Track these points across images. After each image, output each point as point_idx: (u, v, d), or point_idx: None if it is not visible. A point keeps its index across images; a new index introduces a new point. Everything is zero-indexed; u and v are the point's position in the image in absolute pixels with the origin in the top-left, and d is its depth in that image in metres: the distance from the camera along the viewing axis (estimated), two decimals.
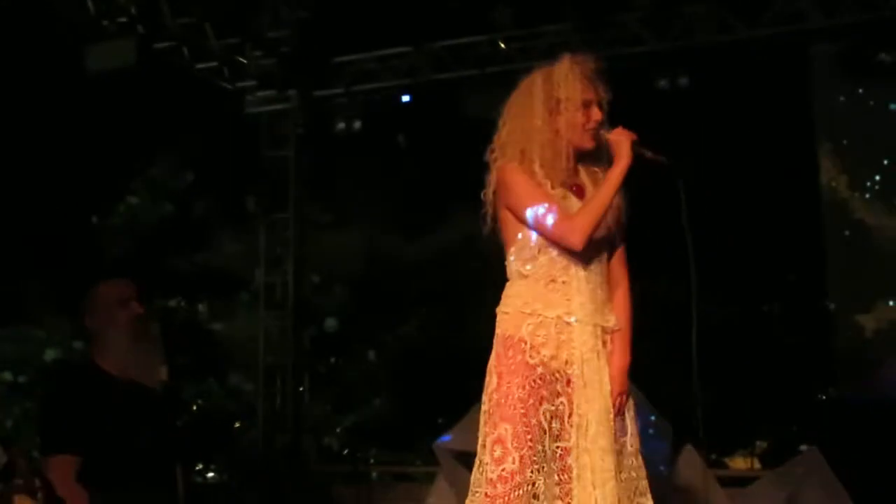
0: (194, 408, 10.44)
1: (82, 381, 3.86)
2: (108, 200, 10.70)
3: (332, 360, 10.61)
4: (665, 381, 8.21)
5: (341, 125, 8.17)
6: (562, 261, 3.25)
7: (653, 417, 6.50)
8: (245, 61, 8.02)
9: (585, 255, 3.24)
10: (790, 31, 7.10)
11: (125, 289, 3.99)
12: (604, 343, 3.26)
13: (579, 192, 3.30)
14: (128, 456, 3.72)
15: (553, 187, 3.26)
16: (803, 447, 9.72)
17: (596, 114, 3.33)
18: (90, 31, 6.92)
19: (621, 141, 3.28)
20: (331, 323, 10.42)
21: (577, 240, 3.18)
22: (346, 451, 10.67)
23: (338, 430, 10.74)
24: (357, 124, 8.14)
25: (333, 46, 8.10)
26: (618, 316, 3.32)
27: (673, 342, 10.21)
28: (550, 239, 3.23)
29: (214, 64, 7.93)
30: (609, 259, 3.35)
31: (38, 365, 9.33)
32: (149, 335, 3.95)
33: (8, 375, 9.16)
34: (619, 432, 3.25)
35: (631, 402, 3.34)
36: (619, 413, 3.27)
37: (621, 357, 3.30)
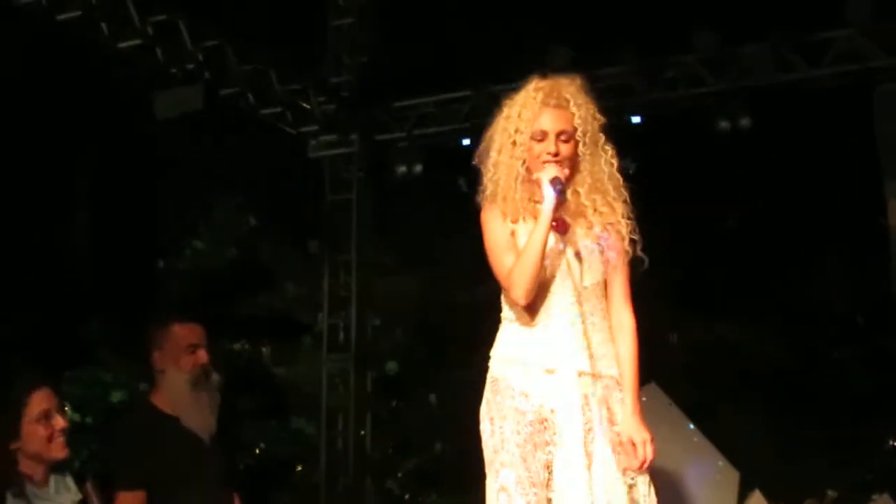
0: (257, 451, 10.47)
1: (145, 420, 3.91)
2: (175, 244, 10.85)
3: (394, 403, 10.59)
4: (732, 426, 8.10)
5: (402, 169, 8.24)
6: (545, 305, 3.09)
7: (720, 463, 6.40)
8: (308, 106, 8.14)
9: (567, 297, 3.08)
10: (852, 70, 7.04)
11: (196, 334, 4.03)
12: (607, 389, 3.10)
13: (561, 226, 3.09)
14: (191, 492, 3.76)
15: (524, 220, 3.11)
16: (875, 496, 9.49)
17: (549, 146, 3.10)
18: (159, 78, 7.07)
19: (543, 181, 3.05)
20: (392, 366, 10.42)
21: (517, 295, 3.04)
22: (407, 496, 10.62)
23: (399, 473, 10.70)
24: (418, 168, 8.21)
25: (394, 91, 8.20)
26: (620, 361, 3.14)
27: (737, 387, 10.09)
28: None
29: (278, 109, 8.07)
30: (611, 295, 3.17)
31: (105, 406, 9.44)
32: (208, 386, 3.97)
33: (76, 416, 9.27)
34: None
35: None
36: (645, 466, 3.07)
37: (627, 407, 3.11)
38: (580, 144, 3.15)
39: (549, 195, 3.02)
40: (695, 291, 10.15)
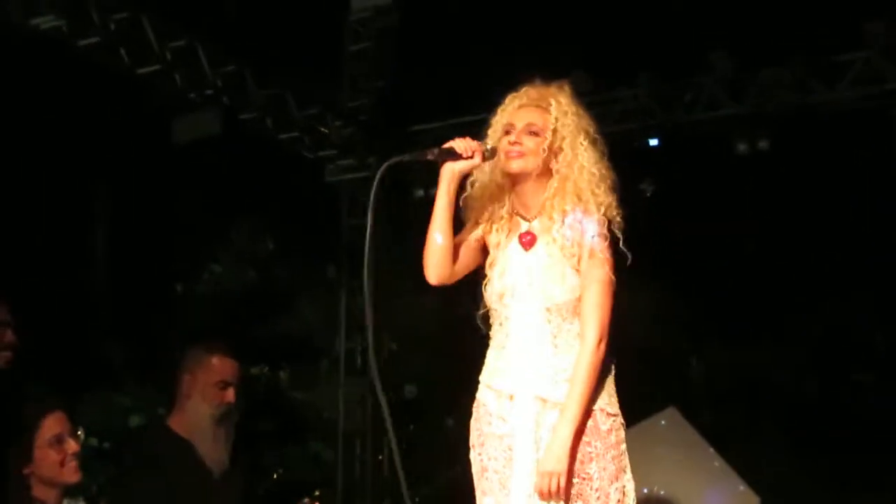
0: (275, 476, 10.45)
1: (159, 445, 3.90)
2: (193, 268, 10.88)
3: (411, 426, 10.56)
4: (753, 450, 8.04)
5: (420, 192, 8.24)
6: (511, 325, 2.96)
7: (741, 488, 6.36)
8: (326, 130, 8.15)
9: (532, 317, 2.93)
10: (871, 92, 7.01)
11: (231, 371, 4.01)
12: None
13: (526, 240, 2.99)
14: None
15: (497, 230, 3.03)
16: None
17: (512, 136, 3.00)
18: (177, 103, 7.11)
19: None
20: (410, 389, 10.39)
21: (426, 274, 3.03)
22: None
23: (417, 498, 10.65)
24: (435, 191, 8.20)
25: (411, 115, 8.21)
26: (572, 380, 2.87)
27: (758, 411, 10.02)
28: None
29: (296, 133, 8.08)
30: (581, 306, 2.92)
31: (123, 431, 9.44)
32: (228, 425, 3.96)
33: (94, 441, 9.27)
34: None
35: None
36: (547, 498, 2.83)
37: (557, 430, 2.85)
38: (552, 143, 3.00)
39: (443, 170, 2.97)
40: (714, 315, 10.09)
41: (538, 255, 2.98)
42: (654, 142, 7.73)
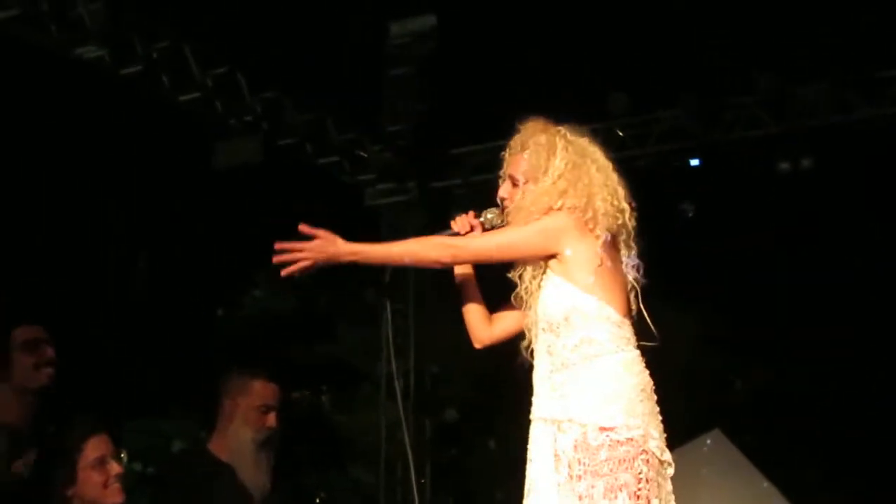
0: (317, 501, 10.46)
1: (200, 468, 3.91)
2: (234, 293, 10.93)
3: (454, 450, 10.52)
4: (799, 473, 7.94)
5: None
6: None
7: None
8: (365, 155, 8.19)
9: (538, 343, 3.07)
10: None
11: (273, 395, 4.03)
12: (567, 435, 2.96)
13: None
14: None
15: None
16: None
17: (502, 191, 3.32)
18: (218, 129, 7.18)
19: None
20: (451, 413, 10.37)
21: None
22: None
23: None
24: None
25: (451, 138, 8.22)
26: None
27: (805, 434, 9.88)
28: None
29: (335, 158, 8.13)
30: (568, 327, 3.04)
31: (166, 456, 9.49)
32: (269, 449, 3.96)
33: (137, 466, 9.32)
34: None
35: None
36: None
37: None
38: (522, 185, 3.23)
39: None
40: (759, 336, 9.98)
41: (535, 281, 3.15)
42: (695, 162, 7.69)
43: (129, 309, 9.41)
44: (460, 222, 3.29)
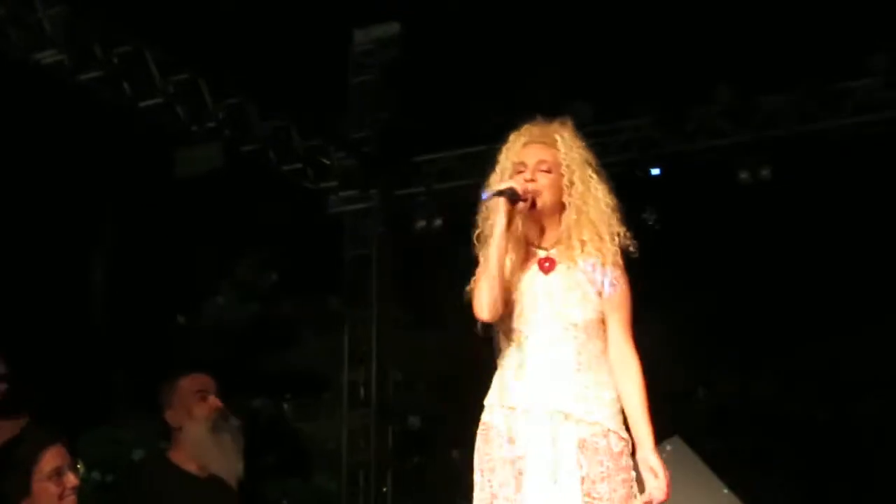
0: None
1: (156, 476, 3.88)
2: (196, 300, 10.87)
3: (416, 458, 10.51)
4: (758, 481, 7.99)
5: (422, 223, 8.23)
6: (525, 344, 3.02)
7: None
8: (328, 162, 8.16)
9: (552, 335, 3.00)
10: (874, 119, 7.02)
11: (202, 382, 4.01)
12: (588, 435, 2.94)
13: (546, 265, 3.08)
14: None
15: (515, 256, 3.09)
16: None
17: (527, 174, 3.06)
18: (180, 136, 7.12)
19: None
20: (414, 421, 10.36)
21: (476, 309, 3.01)
22: None
23: None
24: (438, 222, 8.20)
25: (414, 146, 8.22)
26: (625, 398, 3.00)
27: (764, 441, 9.94)
28: None
29: (299, 165, 8.08)
30: (610, 333, 3.05)
31: (126, 465, 9.42)
32: (229, 430, 3.94)
33: (96, 475, 9.24)
34: None
35: None
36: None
37: (643, 443, 2.98)
38: (564, 178, 3.09)
39: (491, 203, 3.02)
40: (719, 344, 10.06)
41: (559, 277, 3.06)
42: (656, 171, 7.73)
43: (88, 317, 9.33)
44: (521, 188, 3.01)
